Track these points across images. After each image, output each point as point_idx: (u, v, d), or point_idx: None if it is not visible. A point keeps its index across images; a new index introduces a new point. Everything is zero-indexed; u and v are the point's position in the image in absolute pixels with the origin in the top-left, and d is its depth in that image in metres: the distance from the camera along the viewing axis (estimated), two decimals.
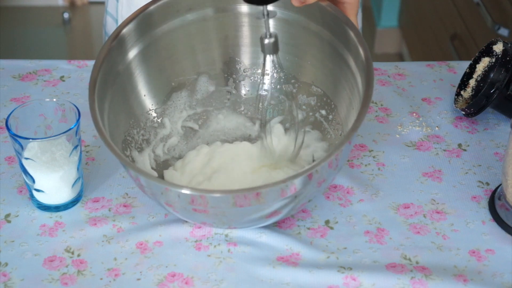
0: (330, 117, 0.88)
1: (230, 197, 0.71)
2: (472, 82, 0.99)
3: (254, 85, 0.93)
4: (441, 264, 0.78)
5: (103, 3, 2.70)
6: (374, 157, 0.92)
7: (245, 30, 0.90)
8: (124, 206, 0.85)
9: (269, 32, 0.78)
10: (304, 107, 0.90)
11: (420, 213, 0.84)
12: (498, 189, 0.85)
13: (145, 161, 0.86)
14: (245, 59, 0.92)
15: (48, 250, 0.79)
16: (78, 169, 0.83)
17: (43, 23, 2.83)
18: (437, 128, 0.97)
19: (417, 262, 0.78)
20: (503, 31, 1.60)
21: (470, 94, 0.98)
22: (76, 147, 0.81)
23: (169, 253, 0.79)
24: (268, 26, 0.78)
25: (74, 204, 0.85)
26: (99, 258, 0.78)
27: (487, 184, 0.88)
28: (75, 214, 0.84)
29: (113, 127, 0.81)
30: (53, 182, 0.82)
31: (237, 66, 0.92)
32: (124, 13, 1.09)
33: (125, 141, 0.84)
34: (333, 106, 0.87)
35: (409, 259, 0.78)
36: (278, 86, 0.91)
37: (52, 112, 0.83)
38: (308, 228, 0.82)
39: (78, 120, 0.81)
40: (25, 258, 0.78)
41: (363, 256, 0.79)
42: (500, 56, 0.94)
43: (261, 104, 0.91)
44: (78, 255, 0.79)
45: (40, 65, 1.08)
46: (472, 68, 0.99)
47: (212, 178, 0.85)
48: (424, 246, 0.80)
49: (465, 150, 0.93)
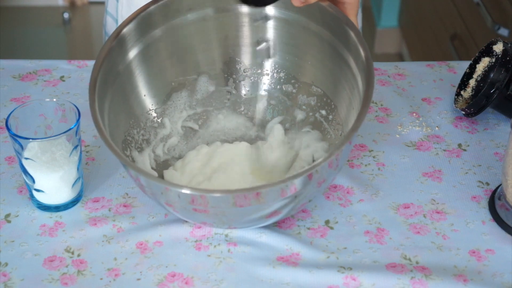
0: (330, 117, 0.88)
1: (230, 197, 0.71)
2: (472, 82, 0.99)
3: (254, 85, 0.93)
4: (441, 264, 0.78)
5: (103, 3, 2.70)
6: (374, 157, 0.92)
7: (245, 30, 0.90)
8: (124, 206, 0.85)
9: (262, 37, 0.78)
10: (304, 107, 0.90)
11: (420, 213, 0.84)
12: (498, 189, 0.85)
13: (145, 161, 0.86)
14: (245, 59, 0.92)
15: (48, 250, 0.79)
16: (78, 169, 0.83)
17: (43, 23, 2.83)
18: (437, 128, 0.97)
19: (417, 262, 0.78)
20: (503, 31, 1.60)
21: (470, 94, 0.98)
22: (76, 147, 0.81)
23: (169, 253, 0.79)
24: (262, 30, 0.78)
25: (74, 204, 0.85)
26: (99, 258, 0.78)
27: (487, 184, 0.88)
28: (75, 214, 0.84)
29: (113, 127, 0.81)
30: (53, 182, 0.82)
31: (237, 66, 0.92)
32: (124, 13, 1.09)
33: (125, 141, 0.84)
34: (333, 106, 0.87)
35: (409, 259, 0.78)
36: (278, 86, 0.91)
37: (52, 112, 0.83)
38: (308, 228, 0.82)
39: (78, 120, 0.81)
40: (25, 258, 0.78)
41: (363, 256, 0.79)
42: (500, 56, 0.94)
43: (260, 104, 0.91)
44: (78, 255, 0.79)
45: (40, 65, 1.08)
46: (472, 68, 0.99)
47: (212, 178, 0.85)
48: (424, 246, 0.80)
49: (465, 150, 0.93)
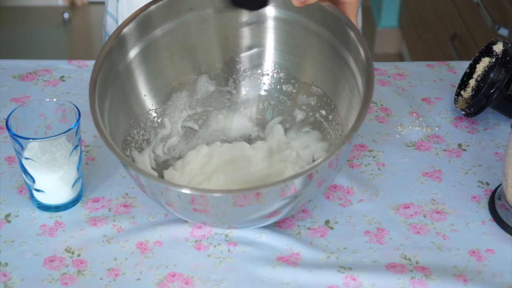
0: (330, 117, 0.88)
1: (230, 197, 0.71)
2: (472, 82, 0.99)
3: (254, 85, 0.93)
4: (441, 264, 0.78)
5: (103, 3, 2.70)
6: (374, 157, 0.92)
7: (245, 30, 0.90)
8: (124, 206, 0.85)
9: (254, 43, 0.79)
10: (304, 107, 0.90)
11: (420, 213, 0.84)
12: (498, 189, 0.85)
13: (145, 161, 0.86)
14: (245, 59, 0.92)
15: (48, 250, 0.79)
16: (78, 169, 0.83)
17: (43, 23, 2.83)
18: (437, 128, 0.97)
19: (417, 262, 0.78)
20: (503, 31, 1.60)
21: (470, 94, 0.98)
22: (76, 147, 0.81)
23: (169, 253, 0.79)
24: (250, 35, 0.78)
25: (74, 204, 0.85)
26: (99, 258, 0.78)
27: (487, 184, 0.88)
28: (75, 214, 0.84)
29: (113, 127, 0.81)
30: (53, 182, 0.82)
31: (237, 66, 0.92)
32: (124, 13, 1.09)
33: (125, 141, 0.84)
34: (333, 106, 0.87)
35: (409, 259, 0.78)
36: (278, 86, 0.91)
37: (52, 112, 0.83)
38: (308, 228, 0.82)
39: (78, 120, 0.81)
40: (25, 258, 0.78)
41: (363, 256, 0.79)
42: (500, 56, 0.94)
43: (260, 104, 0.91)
44: (78, 255, 0.79)
45: (40, 65, 1.08)
46: (472, 68, 0.99)
47: (212, 178, 0.85)
48: (424, 246, 0.80)
49: (465, 150, 0.93)
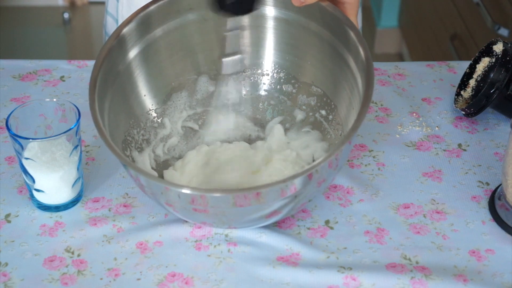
0: (330, 117, 0.88)
1: (230, 197, 0.71)
2: (472, 82, 0.99)
3: (254, 85, 0.93)
4: (441, 264, 0.78)
5: (103, 3, 2.70)
6: (374, 157, 0.92)
7: (245, 30, 0.90)
8: (124, 206, 0.85)
9: (233, 49, 0.79)
10: (304, 107, 0.90)
11: (420, 213, 0.84)
12: (498, 189, 0.85)
13: (145, 161, 0.86)
14: (245, 59, 0.92)
15: (48, 250, 0.79)
16: (78, 169, 0.83)
17: (43, 23, 2.83)
18: (437, 128, 0.97)
19: (417, 262, 0.78)
20: (503, 31, 1.60)
21: (470, 94, 0.98)
22: (76, 147, 0.81)
23: (169, 253, 0.79)
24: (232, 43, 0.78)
25: (74, 204, 0.85)
26: (99, 258, 0.78)
27: (487, 184, 0.88)
28: (75, 214, 0.84)
29: (113, 127, 0.81)
30: (53, 182, 0.82)
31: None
32: (124, 13, 1.09)
33: (125, 141, 0.84)
34: (333, 106, 0.87)
35: (409, 259, 0.78)
36: (278, 86, 0.91)
37: (52, 112, 0.83)
38: (308, 228, 0.82)
39: (78, 120, 0.81)
40: (25, 258, 0.78)
41: (363, 256, 0.79)
42: (500, 56, 0.94)
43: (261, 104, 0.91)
44: (78, 255, 0.79)
45: (40, 65, 1.08)
46: (472, 68, 0.99)
47: (212, 178, 0.85)
48: (424, 246, 0.80)
49: (465, 150, 0.93)
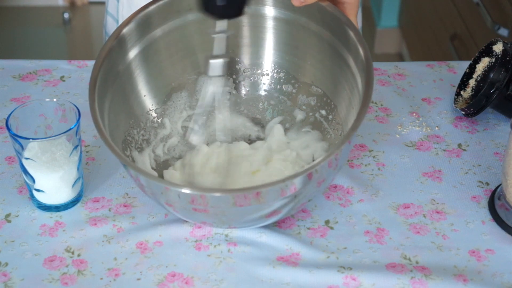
0: (330, 117, 0.88)
1: (230, 197, 0.71)
2: (472, 82, 0.99)
3: (254, 85, 0.93)
4: (441, 264, 0.78)
5: (103, 3, 2.70)
6: (374, 157, 0.92)
7: (245, 30, 0.90)
8: (124, 206, 0.85)
9: (220, 52, 0.79)
10: (304, 107, 0.90)
11: (420, 213, 0.84)
12: (498, 189, 0.85)
13: (145, 161, 0.86)
14: (245, 59, 0.92)
15: (48, 250, 0.79)
16: (78, 169, 0.83)
17: (43, 23, 2.83)
18: (437, 128, 0.97)
19: (417, 262, 0.78)
20: (503, 31, 1.60)
21: (470, 94, 0.98)
22: (76, 147, 0.81)
23: (169, 253, 0.79)
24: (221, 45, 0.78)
25: (74, 204, 0.85)
26: (99, 258, 0.78)
27: (487, 184, 0.88)
28: (75, 214, 0.84)
29: (113, 127, 0.81)
30: (53, 182, 0.82)
31: (237, 66, 0.92)
32: (124, 13, 1.09)
33: (125, 141, 0.84)
34: (333, 106, 0.87)
35: (409, 259, 0.78)
36: (278, 86, 0.91)
37: (52, 112, 0.83)
38: (308, 228, 0.82)
39: (78, 120, 0.81)
40: (25, 258, 0.78)
41: (363, 256, 0.79)
42: (500, 56, 0.94)
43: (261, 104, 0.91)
44: (78, 255, 0.79)
45: (40, 65, 1.08)
46: (472, 68, 0.99)
47: (212, 178, 0.85)
48: (424, 246, 0.80)
49: (465, 150, 0.93)
